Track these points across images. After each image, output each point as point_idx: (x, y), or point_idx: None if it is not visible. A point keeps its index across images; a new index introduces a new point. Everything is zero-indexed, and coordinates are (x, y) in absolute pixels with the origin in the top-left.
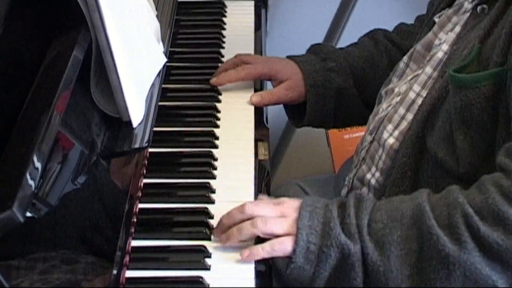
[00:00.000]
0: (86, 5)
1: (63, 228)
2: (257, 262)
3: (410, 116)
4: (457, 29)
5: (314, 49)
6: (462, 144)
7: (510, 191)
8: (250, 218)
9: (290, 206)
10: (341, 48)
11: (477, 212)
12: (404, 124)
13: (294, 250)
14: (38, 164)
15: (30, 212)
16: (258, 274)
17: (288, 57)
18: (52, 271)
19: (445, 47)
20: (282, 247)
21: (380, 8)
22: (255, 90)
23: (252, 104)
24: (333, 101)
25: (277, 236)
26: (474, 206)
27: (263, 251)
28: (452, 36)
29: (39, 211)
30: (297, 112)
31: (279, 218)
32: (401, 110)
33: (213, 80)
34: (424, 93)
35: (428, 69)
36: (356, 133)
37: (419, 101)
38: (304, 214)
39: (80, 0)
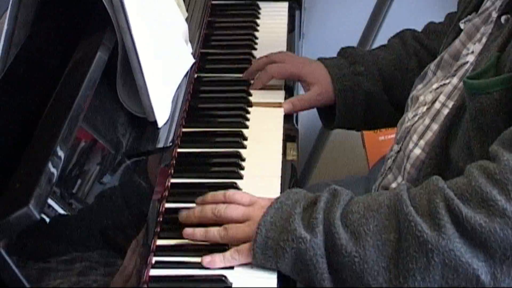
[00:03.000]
0: (112, 6)
1: (88, 228)
2: None
3: (435, 127)
4: (484, 39)
5: (343, 52)
6: (479, 152)
7: (495, 173)
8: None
9: (260, 206)
10: (370, 51)
11: (459, 195)
12: (429, 135)
13: (253, 250)
14: (57, 162)
15: (52, 210)
16: (281, 274)
17: (319, 59)
18: (89, 272)
19: (471, 57)
20: (242, 256)
21: (415, 9)
22: (286, 90)
23: (284, 112)
24: (363, 105)
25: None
26: (456, 189)
27: (224, 259)
28: (479, 47)
29: (62, 209)
30: (328, 115)
31: (242, 225)
32: (427, 121)
33: (251, 86)
34: (450, 104)
35: (455, 80)
36: (391, 135)
37: (445, 111)
38: (270, 211)
39: (106, 1)
